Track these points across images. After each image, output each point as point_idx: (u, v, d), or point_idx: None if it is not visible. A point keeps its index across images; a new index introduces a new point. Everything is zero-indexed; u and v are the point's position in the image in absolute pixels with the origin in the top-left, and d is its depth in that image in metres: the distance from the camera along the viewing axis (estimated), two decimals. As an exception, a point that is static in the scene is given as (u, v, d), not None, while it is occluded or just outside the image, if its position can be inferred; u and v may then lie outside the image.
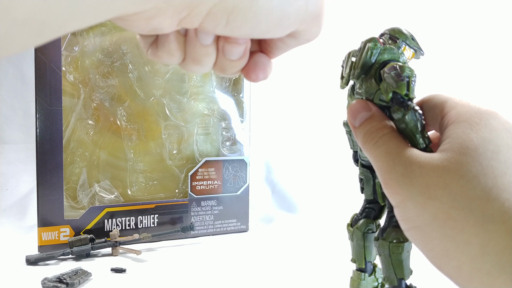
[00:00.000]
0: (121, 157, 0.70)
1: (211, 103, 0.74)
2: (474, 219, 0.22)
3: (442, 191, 0.23)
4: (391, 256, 0.30)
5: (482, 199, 0.22)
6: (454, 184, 0.23)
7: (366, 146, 0.28)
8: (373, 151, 0.27)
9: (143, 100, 0.70)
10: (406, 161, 0.25)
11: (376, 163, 0.27)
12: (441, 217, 0.23)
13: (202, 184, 0.72)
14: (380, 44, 0.30)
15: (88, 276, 0.51)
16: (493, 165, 0.22)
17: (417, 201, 0.24)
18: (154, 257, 0.61)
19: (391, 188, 0.25)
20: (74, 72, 0.66)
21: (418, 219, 0.24)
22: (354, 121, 0.29)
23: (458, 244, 0.22)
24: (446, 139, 0.25)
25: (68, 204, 0.65)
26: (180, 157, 0.73)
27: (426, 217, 0.23)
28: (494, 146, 0.23)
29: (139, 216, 0.68)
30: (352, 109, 0.29)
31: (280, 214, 0.84)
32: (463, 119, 0.25)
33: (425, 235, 0.23)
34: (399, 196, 0.25)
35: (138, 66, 0.70)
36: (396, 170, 0.25)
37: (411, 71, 0.28)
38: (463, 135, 0.24)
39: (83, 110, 0.67)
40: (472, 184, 0.22)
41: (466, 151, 0.23)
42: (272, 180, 0.94)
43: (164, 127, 0.72)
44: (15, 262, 0.57)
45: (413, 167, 0.24)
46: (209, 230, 0.72)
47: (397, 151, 0.26)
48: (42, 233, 0.61)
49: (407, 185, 0.24)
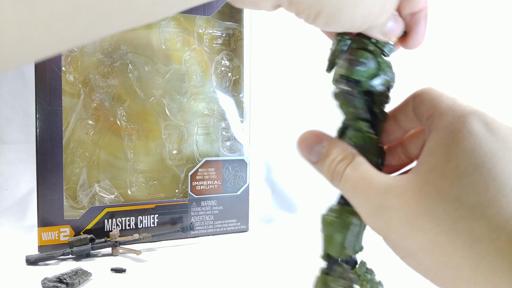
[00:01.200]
0: (121, 157, 0.70)
1: (211, 103, 0.74)
2: (462, 241, 0.21)
3: (424, 218, 0.22)
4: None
5: (467, 219, 0.21)
6: (435, 209, 0.22)
7: (334, 183, 0.27)
8: (341, 187, 0.26)
9: (143, 100, 0.70)
10: (379, 192, 0.24)
11: (350, 199, 0.26)
12: (428, 245, 0.22)
13: (202, 184, 0.72)
14: (348, 35, 0.30)
15: (88, 276, 0.51)
16: (475, 181, 0.21)
17: (400, 233, 0.23)
18: (154, 257, 0.61)
19: (371, 223, 0.25)
20: (74, 72, 0.66)
21: (406, 250, 0.23)
22: (310, 157, 0.28)
23: (450, 268, 0.21)
24: (425, 156, 0.23)
25: (68, 204, 0.65)
26: (180, 157, 0.73)
27: (413, 247, 0.23)
28: (477, 158, 0.21)
29: (139, 216, 0.68)
30: (304, 143, 0.28)
31: (280, 214, 0.84)
32: (444, 125, 0.23)
33: (418, 263, 0.23)
34: (381, 230, 0.24)
35: (138, 66, 0.70)
36: (371, 204, 0.24)
37: (363, 54, 0.28)
38: (443, 151, 0.22)
39: (83, 110, 0.67)
40: (454, 206, 0.21)
41: (445, 170, 0.22)
42: (272, 180, 0.94)
43: (164, 127, 0.72)
44: (15, 262, 0.57)
45: (389, 197, 0.23)
46: (209, 230, 0.72)
47: (367, 183, 0.24)
48: (42, 233, 0.61)
49: (386, 218, 0.23)
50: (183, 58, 0.72)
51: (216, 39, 0.75)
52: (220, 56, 0.75)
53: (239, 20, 0.75)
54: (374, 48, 0.29)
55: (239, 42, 0.75)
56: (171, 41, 0.71)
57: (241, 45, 0.75)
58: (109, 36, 0.68)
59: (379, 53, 0.29)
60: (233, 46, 0.76)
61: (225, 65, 0.75)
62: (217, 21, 0.74)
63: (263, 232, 0.75)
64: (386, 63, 0.29)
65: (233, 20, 0.75)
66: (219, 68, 0.75)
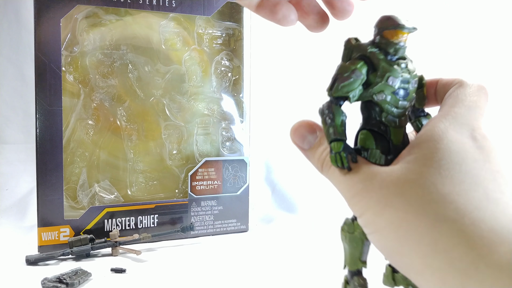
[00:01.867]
0: (121, 157, 0.70)
1: (211, 103, 0.74)
2: (427, 220, 0.23)
3: (398, 198, 0.24)
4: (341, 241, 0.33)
5: (437, 202, 0.23)
6: (410, 191, 0.24)
7: (323, 171, 0.29)
8: (330, 174, 0.28)
9: (143, 100, 0.70)
10: (366, 177, 0.26)
11: (337, 185, 0.28)
12: (395, 221, 0.24)
13: (202, 184, 0.72)
14: (350, 43, 0.29)
15: (88, 276, 0.51)
16: (452, 175, 0.23)
17: (375, 210, 0.25)
18: (154, 257, 0.61)
19: (353, 203, 0.26)
20: (74, 72, 0.66)
21: (376, 225, 0.25)
22: (303, 144, 0.30)
23: (410, 243, 0.23)
24: (415, 146, 0.26)
25: (68, 204, 0.65)
26: (180, 157, 0.73)
27: (382, 223, 0.24)
28: (459, 159, 0.24)
29: (139, 216, 0.68)
30: (298, 131, 0.30)
31: (280, 214, 0.84)
32: (440, 127, 0.25)
33: (382, 237, 0.25)
34: (360, 208, 0.26)
35: (138, 66, 0.70)
36: (356, 187, 0.26)
37: (345, 68, 0.28)
38: (430, 147, 0.25)
39: (83, 110, 0.67)
40: (428, 190, 0.23)
41: (429, 162, 0.24)
42: (272, 180, 0.94)
43: (164, 127, 0.72)
44: (15, 262, 0.57)
45: (373, 181, 0.26)
46: (209, 230, 0.72)
47: (355, 169, 0.27)
48: (42, 233, 0.61)
49: (366, 198, 0.25)
50: (183, 58, 0.72)
51: (216, 39, 0.75)
52: (220, 56, 0.75)
53: (239, 20, 0.75)
54: (371, 52, 0.28)
55: (239, 42, 0.75)
56: (171, 41, 0.71)
57: (241, 45, 0.75)
58: (109, 36, 0.68)
59: (380, 57, 0.28)
60: (233, 46, 0.76)
61: (225, 65, 0.75)
62: (217, 21, 0.74)
63: (263, 232, 0.75)
64: (390, 68, 0.28)
65: (233, 20, 0.75)
66: (219, 68, 0.75)
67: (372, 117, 0.29)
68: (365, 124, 0.30)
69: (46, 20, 0.60)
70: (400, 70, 0.28)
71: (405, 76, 0.28)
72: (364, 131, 0.29)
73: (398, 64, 0.28)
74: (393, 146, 0.29)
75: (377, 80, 0.28)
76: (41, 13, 0.60)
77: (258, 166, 0.95)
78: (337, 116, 0.28)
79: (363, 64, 0.28)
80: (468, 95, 0.27)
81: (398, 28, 0.27)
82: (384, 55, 0.28)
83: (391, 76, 0.28)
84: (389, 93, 0.28)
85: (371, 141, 0.29)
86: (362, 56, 0.28)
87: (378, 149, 0.29)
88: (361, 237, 0.32)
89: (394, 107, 0.28)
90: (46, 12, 0.60)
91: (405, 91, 0.28)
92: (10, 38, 0.90)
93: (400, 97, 0.28)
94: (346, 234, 0.33)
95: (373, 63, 0.28)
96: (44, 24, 0.60)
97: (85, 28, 0.66)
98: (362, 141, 0.29)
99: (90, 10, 0.66)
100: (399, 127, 0.29)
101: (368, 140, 0.29)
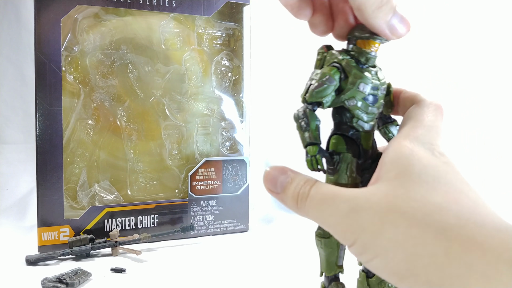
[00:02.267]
0: (121, 157, 0.70)
1: (211, 103, 0.74)
2: (433, 231, 0.22)
3: (395, 214, 0.23)
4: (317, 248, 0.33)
5: (436, 212, 0.23)
6: (405, 206, 0.23)
7: (299, 207, 0.27)
8: (308, 207, 0.27)
9: (143, 100, 0.70)
10: (348, 198, 0.25)
11: (319, 215, 0.26)
12: (400, 238, 0.23)
13: (202, 184, 0.72)
14: (323, 50, 0.30)
15: (88, 276, 0.51)
16: (435, 186, 0.24)
17: (372, 230, 0.24)
18: (154, 257, 0.61)
19: (342, 230, 0.25)
20: (74, 72, 0.66)
21: (377, 248, 0.24)
22: (276, 188, 0.29)
23: (423, 258, 0.22)
24: (389, 164, 0.26)
25: (68, 204, 0.65)
26: (180, 157, 0.73)
27: (385, 244, 0.23)
28: (435, 171, 0.25)
29: (139, 216, 0.68)
30: (269, 177, 0.29)
31: (280, 214, 0.84)
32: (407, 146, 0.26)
33: (388, 261, 0.23)
34: (353, 234, 0.24)
35: (138, 66, 0.70)
36: (340, 209, 0.25)
37: (319, 74, 0.29)
38: (405, 164, 0.25)
39: (83, 110, 0.67)
40: (422, 203, 0.23)
41: (409, 177, 0.24)
42: (272, 180, 0.94)
43: (164, 127, 0.72)
44: (15, 262, 0.57)
45: (358, 201, 0.25)
46: (209, 230, 0.72)
47: (334, 192, 0.26)
48: (42, 233, 0.61)
49: (356, 218, 0.24)
50: (183, 58, 0.72)
51: (216, 39, 0.75)
52: (220, 56, 0.75)
53: (239, 20, 0.75)
54: (344, 59, 0.29)
55: (239, 42, 0.75)
56: (171, 41, 0.71)
57: (241, 45, 0.75)
58: (109, 36, 0.68)
59: (352, 64, 0.29)
60: (233, 46, 0.76)
61: (225, 65, 0.75)
62: (217, 21, 0.74)
63: (263, 232, 0.75)
64: (361, 75, 0.29)
65: (233, 20, 0.75)
66: (219, 68, 0.75)
67: (343, 122, 0.30)
68: (336, 129, 0.31)
69: (46, 20, 0.60)
70: (370, 77, 0.29)
71: (375, 83, 0.29)
72: (335, 135, 0.30)
73: (368, 71, 0.29)
74: (363, 150, 0.30)
75: (349, 86, 0.29)
76: (41, 13, 0.60)
77: (258, 166, 0.95)
78: (312, 121, 0.29)
79: (336, 71, 0.29)
80: (426, 115, 0.28)
81: (370, 38, 0.29)
82: (356, 63, 0.29)
83: (362, 82, 0.29)
84: (359, 99, 0.29)
85: (343, 145, 0.30)
86: (335, 63, 0.29)
87: (350, 153, 0.30)
88: (336, 241, 0.32)
89: (364, 112, 0.29)
90: (46, 12, 0.60)
91: (375, 98, 0.30)
92: (10, 38, 0.90)
93: (370, 103, 0.29)
94: (321, 239, 0.32)
95: (345, 70, 0.29)
96: (44, 24, 0.60)
97: (85, 28, 0.66)
98: (334, 145, 0.30)
99: (90, 10, 0.66)
100: (368, 132, 0.30)
101: (339, 144, 0.30)
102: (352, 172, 0.30)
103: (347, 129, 0.30)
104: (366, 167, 0.31)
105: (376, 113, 0.30)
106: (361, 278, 0.34)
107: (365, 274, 0.33)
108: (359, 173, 0.30)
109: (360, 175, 0.30)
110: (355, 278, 0.35)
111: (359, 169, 0.30)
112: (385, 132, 0.33)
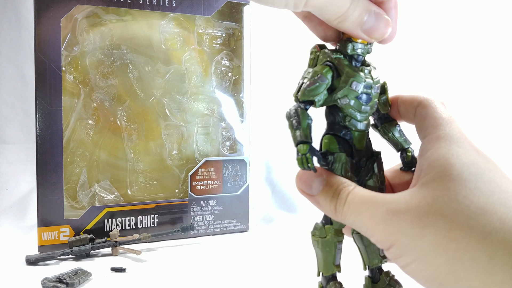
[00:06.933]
0: (121, 157, 0.70)
1: (211, 103, 0.74)
2: (476, 235, 0.21)
3: (436, 216, 0.22)
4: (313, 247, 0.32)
5: (479, 215, 0.22)
6: (446, 208, 0.22)
7: (337, 211, 0.27)
8: (346, 210, 0.26)
9: (143, 100, 0.70)
10: (387, 201, 0.24)
11: (357, 218, 0.26)
12: (441, 242, 0.22)
13: (202, 184, 0.72)
14: (316, 50, 0.30)
15: (88, 276, 0.51)
16: (479, 186, 0.23)
17: (412, 233, 0.23)
18: (154, 257, 0.61)
19: (380, 232, 0.24)
20: (74, 72, 0.66)
21: (417, 252, 0.23)
22: (311, 190, 0.28)
23: (465, 263, 0.21)
24: (426, 167, 0.25)
25: (68, 204, 0.65)
26: (180, 157, 0.73)
27: (425, 247, 0.23)
28: (477, 168, 0.23)
29: (139, 216, 0.68)
30: (303, 178, 0.28)
31: (280, 214, 0.84)
32: (443, 147, 0.25)
33: (428, 265, 0.23)
34: (391, 236, 0.24)
35: (138, 66, 0.70)
36: (379, 212, 0.24)
37: (311, 73, 0.29)
38: (444, 164, 0.24)
39: (83, 110, 0.67)
40: (464, 204, 0.22)
41: (450, 177, 0.23)
42: (272, 180, 0.94)
43: (164, 127, 0.72)
44: (15, 262, 0.57)
45: (397, 203, 0.24)
46: (209, 230, 0.72)
47: (372, 196, 0.25)
48: (42, 233, 0.61)
49: (396, 221, 0.23)
50: (183, 58, 0.72)
51: (216, 39, 0.75)
52: (220, 56, 0.75)
53: (239, 20, 0.75)
54: (336, 58, 0.29)
55: (239, 42, 0.75)
56: (171, 41, 0.71)
57: (241, 45, 0.75)
58: (109, 36, 0.68)
59: (345, 63, 0.29)
60: (233, 46, 0.76)
61: (225, 65, 0.75)
62: (217, 21, 0.74)
63: (263, 232, 0.75)
64: (354, 73, 0.29)
65: (233, 20, 0.75)
66: (219, 68, 0.75)
67: (336, 122, 0.30)
68: (329, 129, 0.31)
69: (46, 20, 0.60)
70: (363, 76, 0.29)
71: (368, 82, 0.29)
72: (327, 135, 0.30)
73: (361, 70, 0.29)
74: (356, 150, 0.30)
75: (342, 85, 0.29)
76: (41, 13, 0.60)
77: (258, 166, 0.95)
78: (304, 119, 0.28)
79: (328, 69, 0.29)
80: (440, 114, 0.27)
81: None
82: (348, 61, 0.29)
83: (355, 81, 0.29)
84: (352, 98, 0.29)
85: (335, 145, 0.30)
86: (328, 62, 0.29)
87: (343, 153, 0.30)
88: (333, 241, 0.32)
89: (357, 111, 0.29)
90: (46, 12, 0.60)
91: (368, 96, 0.29)
92: (10, 38, 0.90)
93: (363, 101, 0.29)
94: (318, 239, 0.32)
95: (338, 68, 0.29)
96: (44, 24, 0.60)
97: (85, 28, 0.66)
98: (326, 145, 0.30)
99: (90, 10, 0.66)
100: (361, 132, 0.30)
101: (332, 144, 0.30)
102: (347, 172, 0.29)
103: (339, 129, 0.30)
104: (361, 165, 0.31)
105: (369, 112, 0.30)
106: (367, 283, 0.33)
107: (371, 280, 0.33)
108: (353, 172, 0.30)
109: (354, 174, 0.30)
110: (355, 278, 0.35)
111: (354, 168, 0.30)
112: (385, 132, 0.33)
